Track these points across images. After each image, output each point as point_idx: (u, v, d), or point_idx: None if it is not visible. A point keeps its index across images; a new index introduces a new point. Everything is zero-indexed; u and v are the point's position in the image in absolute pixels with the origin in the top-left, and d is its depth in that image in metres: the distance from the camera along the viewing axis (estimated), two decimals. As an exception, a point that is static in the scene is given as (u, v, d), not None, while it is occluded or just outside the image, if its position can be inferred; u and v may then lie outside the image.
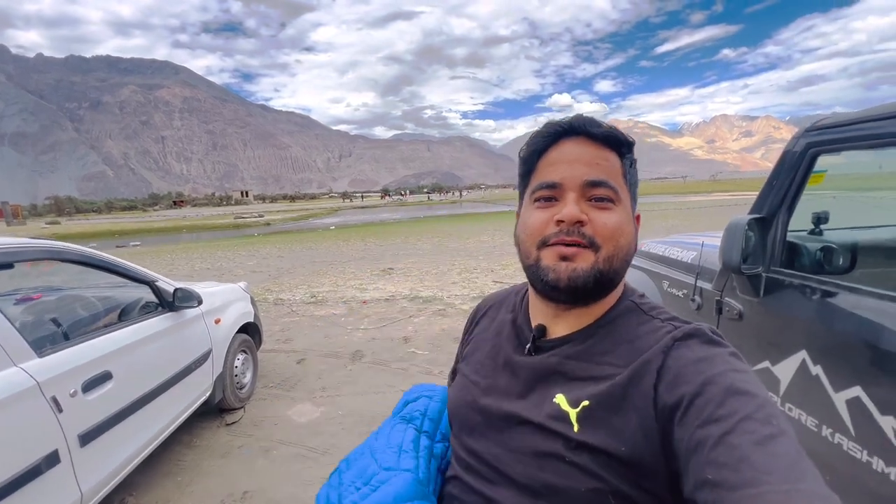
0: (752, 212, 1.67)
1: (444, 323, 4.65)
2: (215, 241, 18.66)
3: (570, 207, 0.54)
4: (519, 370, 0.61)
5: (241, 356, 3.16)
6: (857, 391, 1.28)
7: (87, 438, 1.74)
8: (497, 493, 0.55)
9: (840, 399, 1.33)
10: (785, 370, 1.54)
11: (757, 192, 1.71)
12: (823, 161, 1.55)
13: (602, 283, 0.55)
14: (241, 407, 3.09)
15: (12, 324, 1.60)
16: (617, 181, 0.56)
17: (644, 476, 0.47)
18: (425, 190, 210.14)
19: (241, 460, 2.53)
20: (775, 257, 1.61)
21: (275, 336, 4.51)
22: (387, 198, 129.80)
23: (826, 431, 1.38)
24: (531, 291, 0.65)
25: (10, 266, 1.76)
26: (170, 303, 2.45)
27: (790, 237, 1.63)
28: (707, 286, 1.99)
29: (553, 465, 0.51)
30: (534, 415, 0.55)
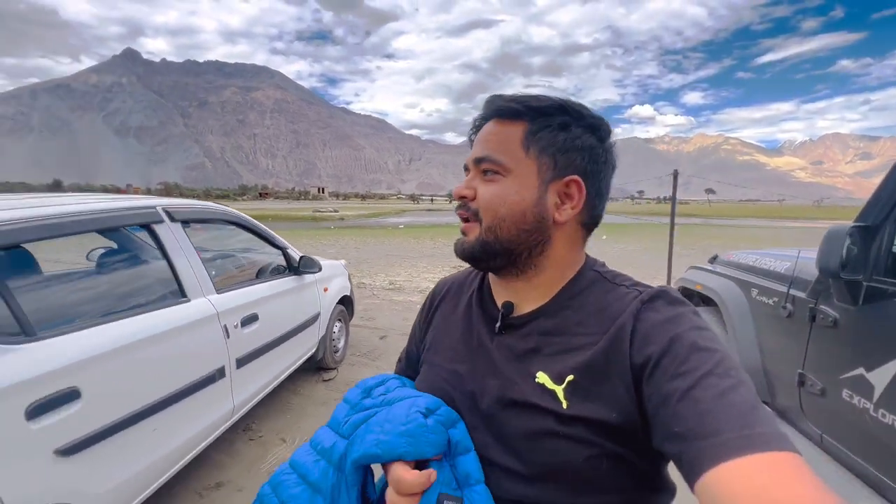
0: (857, 220, 1.70)
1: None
2: (297, 230, 20.38)
3: (457, 185, 0.60)
4: (493, 351, 0.60)
5: (337, 324, 3.61)
6: (958, 397, 1.30)
7: (241, 362, 2.20)
8: (491, 486, 0.54)
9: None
10: (881, 376, 1.56)
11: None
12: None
13: (491, 251, 0.57)
14: (335, 368, 3.52)
15: (204, 265, 2.09)
16: (507, 152, 0.56)
17: (633, 436, 0.49)
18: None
19: (338, 410, 2.93)
20: (879, 266, 1.63)
21: (359, 314, 4.99)
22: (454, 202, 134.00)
23: (923, 437, 1.40)
24: None
25: (186, 223, 2.24)
26: (295, 268, 2.92)
27: (897, 248, 1.64)
28: (801, 294, 2.01)
29: (546, 442, 0.51)
30: (518, 395, 0.54)
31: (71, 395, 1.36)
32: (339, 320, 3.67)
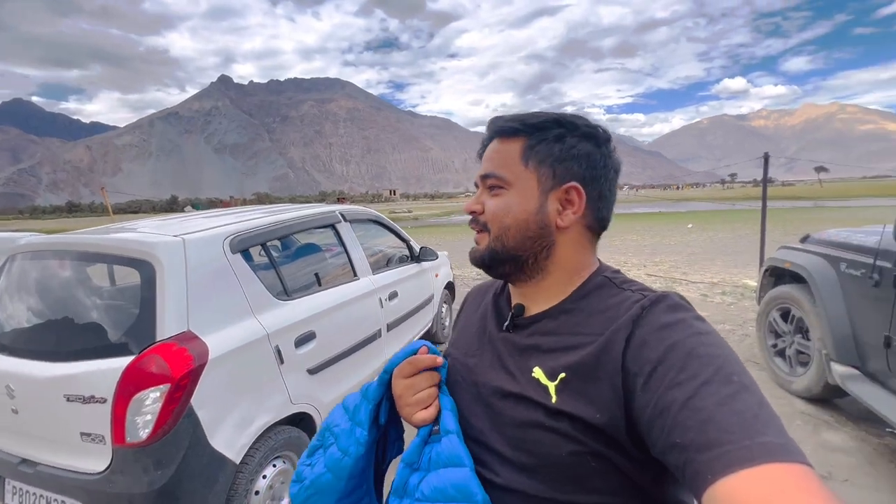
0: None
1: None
2: (378, 231, 21.96)
3: (468, 202, 0.65)
4: (499, 346, 0.64)
5: (444, 305, 4.25)
6: None
7: (390, 327, 2.88)
8: (487, 471, 0.58)
9: None
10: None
11: None
12: None
13: (499, 258, 0.61)
14: (444, 342, 4.16)
15: (366, 257, 2.81)
16: (508, 168, 0.61)
17: (619, 441, 0.50)
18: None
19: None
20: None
21: (457, 300, 5.64)
22: None
23: None
24: None
25: (352, 222, 2.95)
26: (416, 257, 3.59)
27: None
28: (886, 265, 2.19)
29: (534, 433, 0.54)
30: (514, 387, 0.58)
31: (312, 336, 2.09)
32: (445, 303, 4.31)
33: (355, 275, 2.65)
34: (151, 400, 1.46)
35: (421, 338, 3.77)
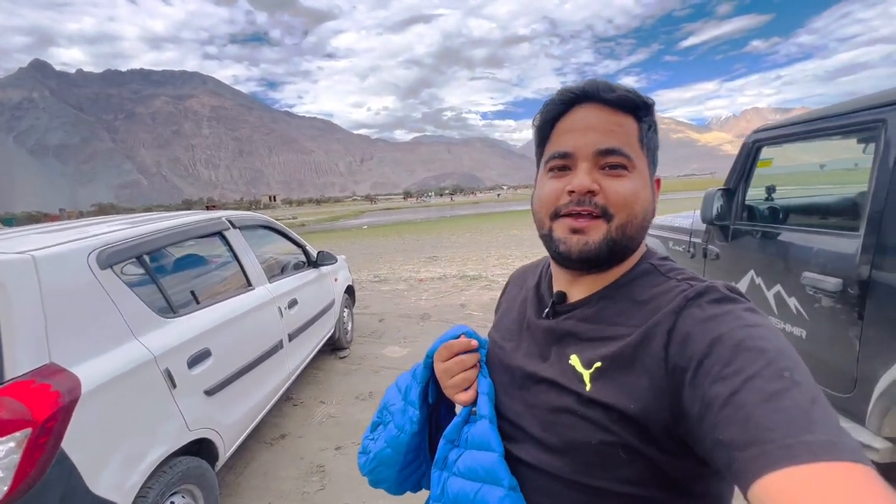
0: (723, 185, 2.54)
1: (491, 294, 5.62)
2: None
3: (580, 178, 0.54)
4: (537, 332, 0.63)
5: (345, 310, 4.18)
6: (778, 288, 2.14)
7: (291, 337, 2.76)
8: (519, 450, 0.58)
9: (770, 294, 2.19)
10: (742, 285, 2.40)
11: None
12: (770, 152, 2.39)
13: (616, 251, 0.55)
14: (348, 347, 4.10)
15: (260, 264, 2.64)
16: (631, 147, 0.55)
17: (652, 433, 0.48)
18: (447, 192, 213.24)
19: (359, 376, 3.53)
20: (737, 214, 2.47)
21: (356, 304, 5.55)
22: (410, 199, 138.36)
23: (764, 317, 2.24)
24: (551, 259, 0.66)
25: (242, 229, 2.74)
26: (314, 262, 3.47)
27: (749, 202, 2.49)
28: (697, 240, 2.85)
29: (566, 418, 0.54)
30: (550, 373, 0.57)
31: (206, 353, 1.92)
32: (347, 307, 4.25)
33: (250, 284, 2.48)
34: (5, 452, 1.21)
35: (325, 344, 3.67)
